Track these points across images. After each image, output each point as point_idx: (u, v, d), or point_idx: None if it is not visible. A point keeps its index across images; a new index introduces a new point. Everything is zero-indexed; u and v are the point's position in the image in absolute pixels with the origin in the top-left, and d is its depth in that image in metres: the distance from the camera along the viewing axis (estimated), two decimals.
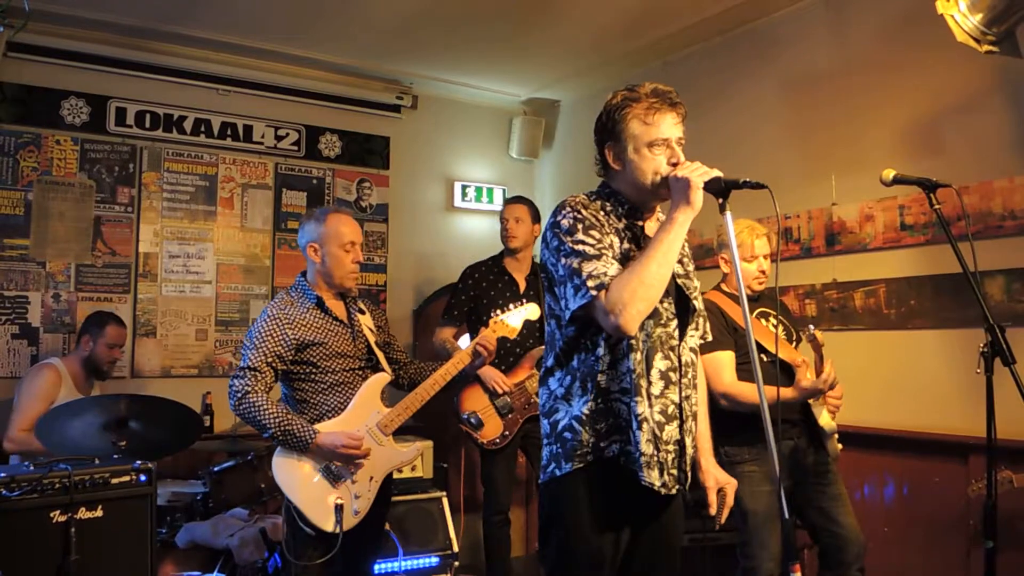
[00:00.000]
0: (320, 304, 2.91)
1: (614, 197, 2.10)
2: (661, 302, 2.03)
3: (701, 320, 2.22)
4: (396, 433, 2.97)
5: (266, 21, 4.43)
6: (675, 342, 2.08)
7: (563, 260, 1.97)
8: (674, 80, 4.98)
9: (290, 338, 2.81)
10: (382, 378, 2.96)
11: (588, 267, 1.92)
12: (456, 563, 3.83)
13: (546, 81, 5.44)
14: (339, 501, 2.75)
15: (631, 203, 2.09)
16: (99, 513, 2.86)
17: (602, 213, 2.05)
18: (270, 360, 2.79)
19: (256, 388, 2.75)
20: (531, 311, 3.25)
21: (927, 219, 3.51)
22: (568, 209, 2.02)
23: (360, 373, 2.93)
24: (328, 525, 2.72)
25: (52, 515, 2.75)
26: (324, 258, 2.92)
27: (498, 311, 3.22)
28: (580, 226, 1.98)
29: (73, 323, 4.36)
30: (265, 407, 2.73)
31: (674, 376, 2.06)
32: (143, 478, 2.99)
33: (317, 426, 2.80)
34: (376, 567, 3.59)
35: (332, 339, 2.88)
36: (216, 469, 3.80)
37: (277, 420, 2.73)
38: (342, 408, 2.86)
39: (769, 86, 4.27)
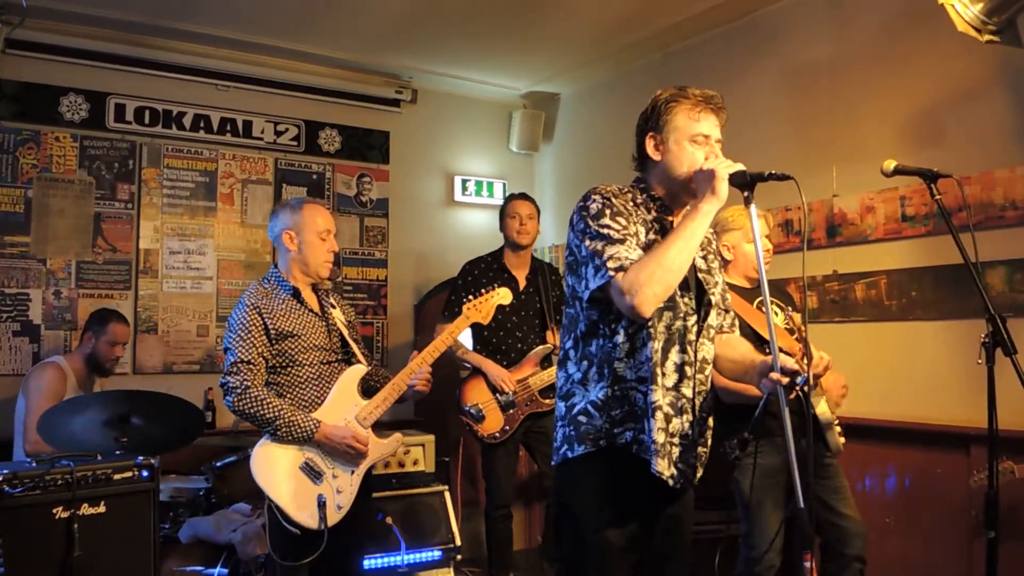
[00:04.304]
0: (296, 295, 2.88)
1: (646, 192, 2.15)
2: (682, 296, 2.08)
3: (728, 314, 2.30)
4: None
5: (265, 16, 4.41)
6: (692, 336, 2.11)
7: (587, 242, 2.02)
8: (674, 72, 4.95)
9: (270, 328, 2.77)
10: (359, 370, 2.91)
11: (611, 249, 1.97)
12: (458, 557, 3.84)
13: (546, 74, 5.43)
14: (321, 497, 2.70)
15: (662, 199, 2.14)
16: (102, 509, 2.86)
17: (631, 204, 2.10)
18: (260, 350, 2.75)
19: (255, 382, 2.72)
20: (502, 295, 3.23)
21: (928, 210, 3.50)
22: (597, 195, 2.08)
23: (336, 366, 2.90)
24: (312, 522, 2.66)
25: (55, 511, 2.75)
26: (301, 246, 2.88)
27: (469, 296, 3.19)
28: (608, 211, 2.04)
29: (74, 320, 4.36)
30: (267, 400, 2.70)
31: (689, 371, 2.09)
32: (145, 474, 2.99)
33: (316, 415, 2.77)
34: (379, 561, 3.59)
35: (308, 331, 2.84)
36: (218, 464, 3.81)
37: (281, 412, 2.70)
38: (319, 401, 2.82)
39: (769, 77, 4.26)
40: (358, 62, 5.14)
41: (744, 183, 1.97)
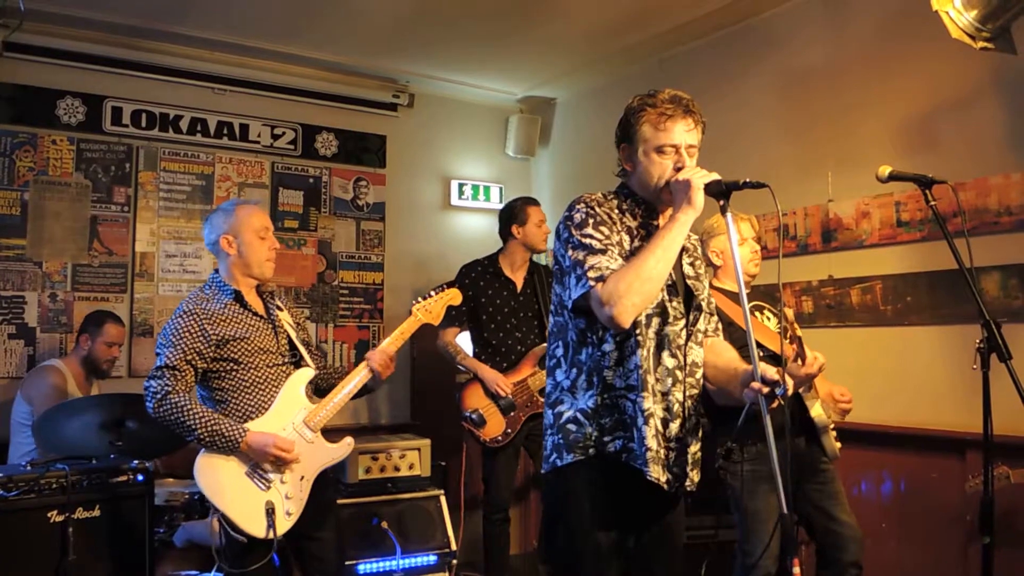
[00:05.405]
0: (239, 298, 2.79)
1: (631, 197, 2.16)
2: (670, 301, 2.09)
3: (713, 318, 2.29)
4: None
5: (262, 20, 4.42)
6: (682, 341, 2.12)
7: (570, 252, 2.04)
8: (670, 77, 4.97)
9: (210, 334, 2.68)
10: (306, 373, 2.84)
11: (592, 260, 1.99)
12: (454, 561, 3.83)
13: (542, 79, 5.44)
14: (269, 504, 2.62)
15: (646, 203, 2.15)
16: (96, 513, 2.86)
17: (616, 211, 2.11)
18: (189, 358, 2.65)
19: (177, 388, 2.61)
20: (452, 296, 3.22)
21: (923, 215, 3.51)
22: (582, 204, 2.09)
23: (284, 369, 2.81)
24: (260, 531, 2.57)
25: (50, 515, 2.75)
26: (240, 248, 2.80)
27: (420, 298, 3.17)
28: (591, 221, 2.05)
29: (70, 323, 4.35)
30: (188, 407, 2.59)
31: (680, 375, 2.10)
32: (140, 478, 2.99)
33: (246, 425, 2.67)
34: (374, 566, 3.59)
35: (252, 334, 2.76)
36: None
37: (203, 420, 2.59)
38: (265, 407, 2.73)
39: (765, 83, 4.27)
40: (355, 66, 5.15)
41: (720, 192, 1.98)
